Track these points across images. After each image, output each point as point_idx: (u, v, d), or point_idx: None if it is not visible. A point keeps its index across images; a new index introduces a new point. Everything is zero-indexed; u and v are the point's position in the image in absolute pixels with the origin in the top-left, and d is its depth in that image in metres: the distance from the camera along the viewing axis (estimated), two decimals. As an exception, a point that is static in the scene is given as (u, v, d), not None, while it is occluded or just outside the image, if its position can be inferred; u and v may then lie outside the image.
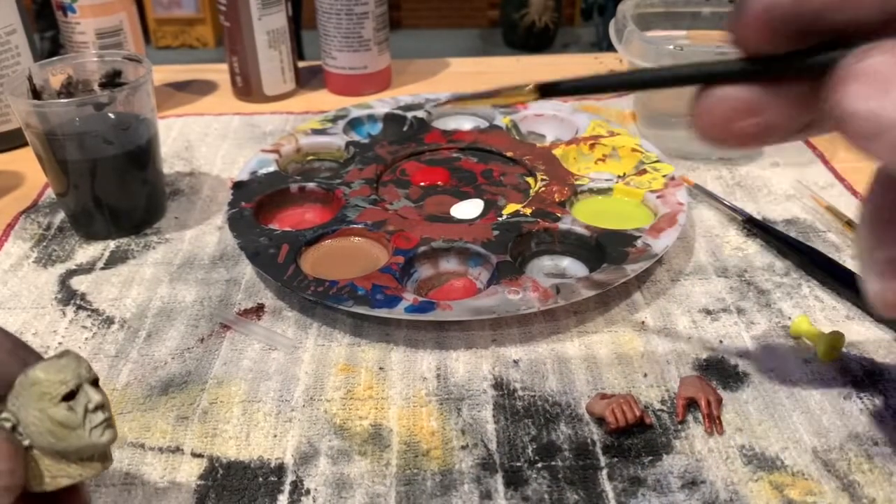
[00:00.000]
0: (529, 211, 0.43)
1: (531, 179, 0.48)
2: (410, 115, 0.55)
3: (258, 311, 0.39)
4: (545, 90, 0.26)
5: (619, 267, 0.39)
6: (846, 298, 0.39)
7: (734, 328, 0.37)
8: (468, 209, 0.45)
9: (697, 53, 0.48)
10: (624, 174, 0.47)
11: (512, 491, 0.29)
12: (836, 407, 0.33)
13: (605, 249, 0.40)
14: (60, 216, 0.48)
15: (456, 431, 0.32)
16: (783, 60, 0.21)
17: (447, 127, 0.55)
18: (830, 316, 0.38)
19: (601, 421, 0.32)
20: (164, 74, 0.68)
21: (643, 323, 0.38)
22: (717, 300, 0.39)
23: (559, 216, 0.43)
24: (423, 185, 0.48)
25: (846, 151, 0.52)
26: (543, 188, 0.46)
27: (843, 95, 0.19)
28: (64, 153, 0.42)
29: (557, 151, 0.50)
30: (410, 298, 0.37)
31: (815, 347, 0.35)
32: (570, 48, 2.81)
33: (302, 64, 0.69)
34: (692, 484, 0.29)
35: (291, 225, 0.44)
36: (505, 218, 0.43)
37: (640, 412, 0.32)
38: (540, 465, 0.30)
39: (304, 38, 1.93)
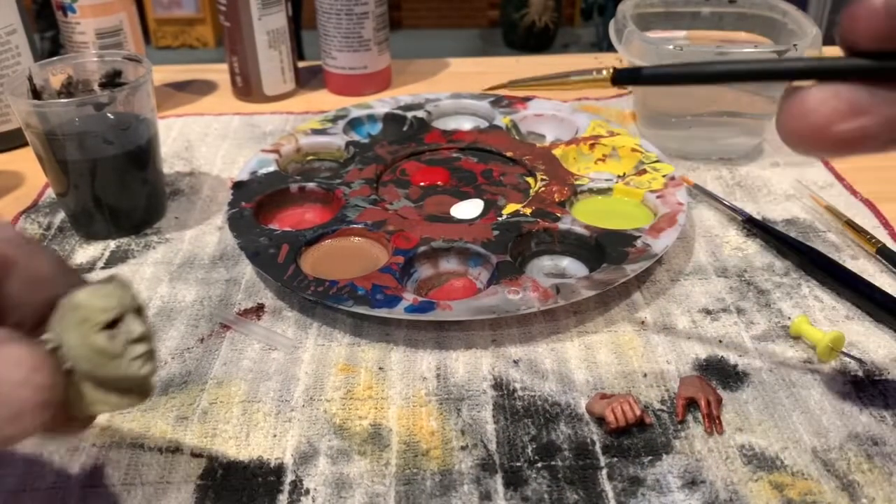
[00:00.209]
0: (529, 211, 0.43)
1: (531, 179, 0.48)
2: (410, 115, 0.55)
3: (258, 310, 0.39)
4: (621, 77, 0.24)
5: (618, 267, 0.39)
6: (846, 298, 0.39)
7: (734, 328, 0.37)
8: (468, 209, 0.45)
9: (697, 53, 0.48)
10: (624, 174, 0.48)
11: (511, 491, 0.29)
12: (835, 407, 0.33)
13: (604, 249, 0.40)
14: (60, 216, 0.48)
15: (456, 431, 0.32)
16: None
17: (447, 127, 0.55)
18: (830, 316, 0.38)
19: (601, 421, 0.32)
20: (164, 74, 0.68)
21: (643, 323, 0.38)
22: (716, 300, 0.39)
23: (559, 216, 0.43)
24: (422, 185, 0.48)
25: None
26: (543, 188, 0.46)
27: None
28: (64, 153, 0.42)
29: (557, 151, 0.50)
30: (410, 298, 0.37)
31: (814, 347, 0.35)
32: (570, 48, 2.81)
33: (302, 64, 0.69)
34: (692, 484, 0.29)
35: (291, 225, 0.44)
36: (505, 218, 0.43)
37: (640, 412, 0.32)
38: (540, 465, 0.30)
39: (304, 38, 1.93)
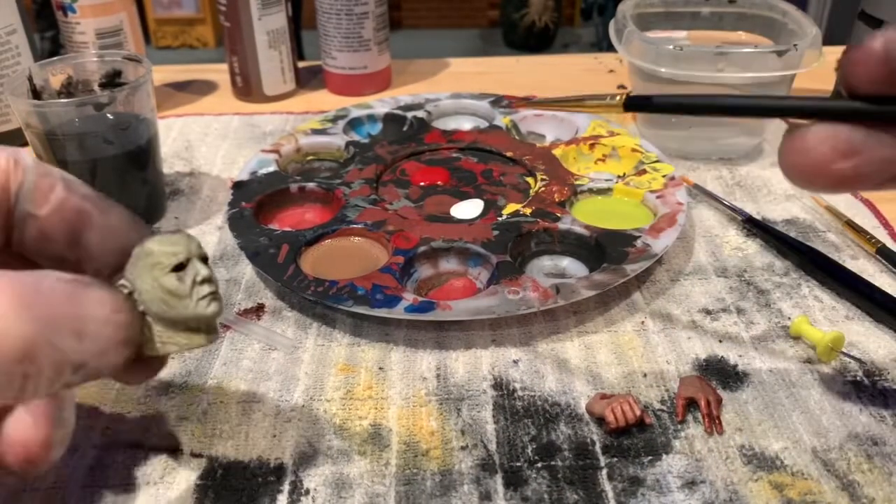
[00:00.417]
0: (529, 211, 0.43)
1: (531, 179, 0.48)
2: (410, 115, 0.55)
3: (258, 310, 0.39)
4: (632, 104, 0.26)
5: (618, 267, 0.39)
6: (846, 298, 0.39)
7: (734, 328, 0.37)
8: (468, 209, 0.45)
9: (698, 54, 0.48)
10: (624, 174, 0.47)
11: (511, 491, 0.29)
12: (835, 407, 0.33)
13: (604, 249, 0.40)
14: (60, 216, 0.48)
15: (455, 431, 0.32)
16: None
17: (447, 127, 0.55)
18: (830, 316, 0.38)
19: (601, 421, 0.32)
20: (164, 74, 0.68)
21: (643, 323, 0.38)
22: (716, 300, 0.39)
23: (559, 216, 0.43)
24: (422, 185, 0.48)
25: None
26: (543, 188, 0.46)
27: None
28: (64, 153, 0.42)
29: (557, 151, 0.50)
30: (410, 298, 0.37)
31: (814, 347, 0.35)
32: (570, 48, 2.81)
33: (302, 64, 0.69)
34: (692, 484, 0.29)
35: (291, 225, 0.44)
36: (505, 218, 0.43)
37: (640, 412, 0.32)
38: (539, 465, 0.30)
39: (304, 38, 1.94)
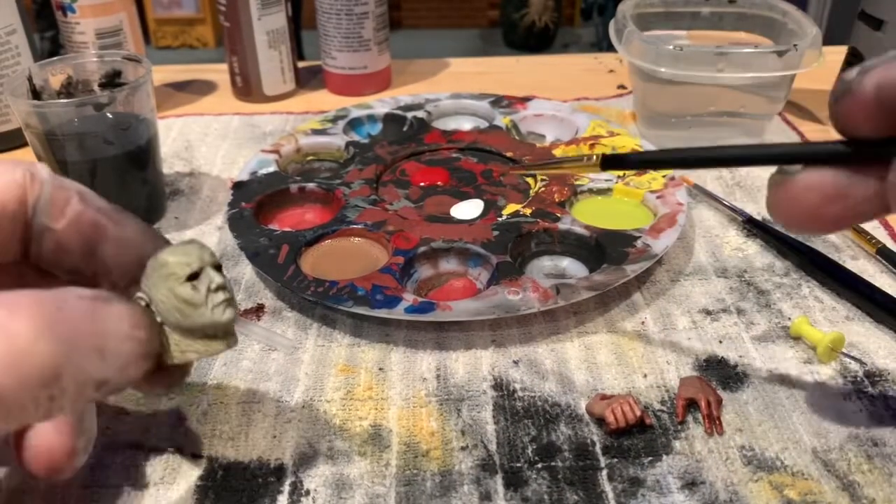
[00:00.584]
0: (529, 211, 0.43)
1: (531, 180, 0.48)
2: (410, 115, 0.55)
3: (258, 311, 0.39)
4: (608, 162, 0.26)
5: (618, 267, 0.39)
6: (846, 299, 0.39)
7: (734, 328, 0.37)
8: (468, 209, 0.45)
9: (698, 54, 0.48)
10: (624, 174, 0.47)
11: (512, 492, 0.29)
12: (835, 407, 0.33)
13: (604, 250, 0.40)
14: (60, 216, 0.48)
15: (456, 432, 0.32)
16: (882, 145, 0.21)
17: (447, 127, 0.55)
18: (830, 316, 0.38)
19: (601, 421, 0.32)
20: (163, 74, 0.68)
21: (643, 323, 0.38)
22: (716, 300, 0.39)
23: (559, 216, 0.43)
24: (422, 185, 0.48)
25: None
26: (543, 188, 0.46)
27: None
28: (64, 153, 0.42)
29: (557, 152, 0.50)
30: (410, 299, 0.37)
31: (814, 348, 0.35)
32: (570, 48, 2.81)
33: (302, 64, 0.69)
34: (692, 484, 0.29)
35: (291, 225, 0.44)
36: (505, 218, 0.43)
37: (640, 413, 0.31)
38: (540, 465, 0.30)
39: (304, 38, 1.94)
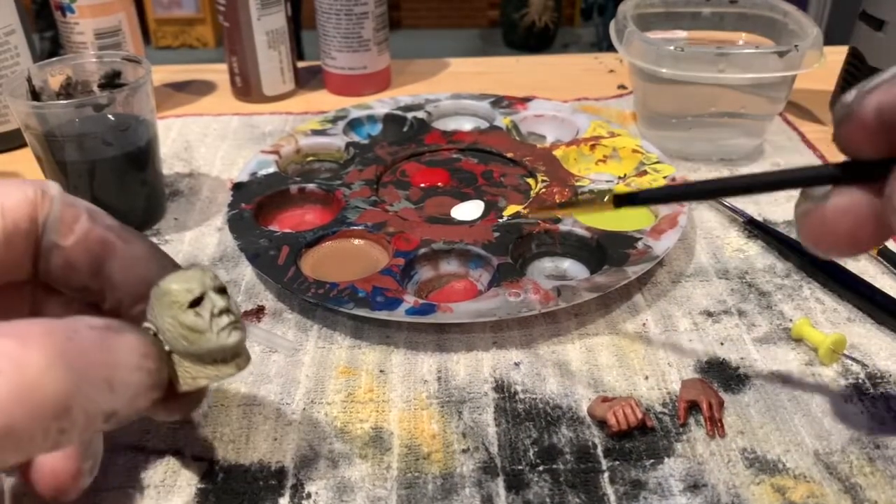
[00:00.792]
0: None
1: (532, 180, 0.48)
2: (410, 115, 0.55)
3: (258, 313, 0.39)
4: (620, 200, 0.27)
5: (619, 269, 0.38)
6: (848, 301, 0.39)
7: (735, 330, 0.37)
8: (468, 210, 0.45)
9: (698, 54, 0.48)
10: (624, 175, 0.47)
11: (513, 494, 0.29)
12: (837, 409, 0.33)
13: (605, 251, 0.40)
14: (60, 217, 0.47)
15: (457, 434, 0.32)
16: (882, 164, 0.21)
17: (447, 128, 0.55)
18: (832, 318, 0.38)
19: (602, 424, 0.32)
20: (163, 75, 0.68)
21: (644, 325, 0.38)
22: (718, 302, 0.39)
23: (560, 217, 0.43)
24: (423, 186, 0.48)
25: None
26: (544, 189, 0.46)
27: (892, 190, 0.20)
28: (63, 154, 0.42)
29: (558, 152, 0.50)
30: (411, 301, 0.36)
31: (816, 350, 0.35)
32: (570, 48, 2.81)
33: (301, 64, 0.69)
34: (694, 487, 0.29)
35: (291, 226, 0.44)
36: (505, 219, 0.43)
37: (641, 415, 0.31)
38: (541, 468, 0.30)
39: (303, 38, 1.93)
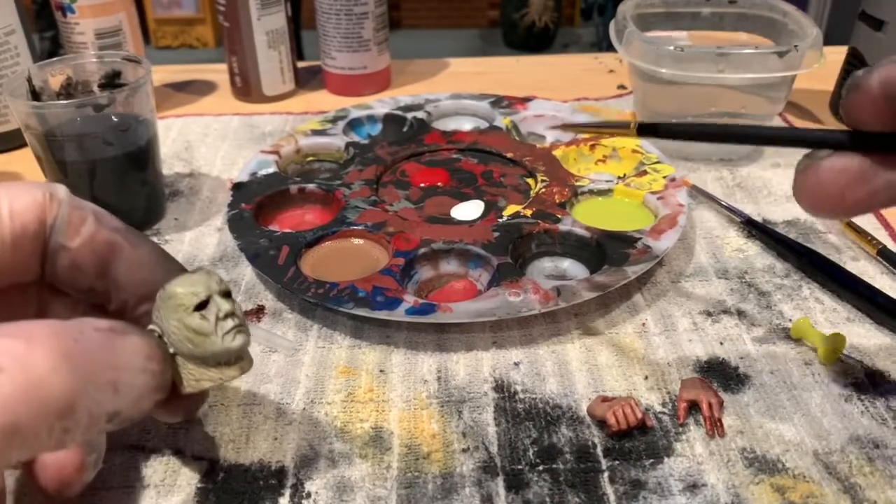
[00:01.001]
0: (530, 212, 0.43)
1: (531, 180, 0.48)
2: (410, 115, 0.55)
3: (258, 312, 0.39)
4: (643, 129, 0.28)
5: (619, 269, 0.38)
6: (847, 301, 0.39)
7: (735, 330, 0.37)
8: (468, 210, 0.45)
9: (698, 54, 0.48)
10: (624, 175, 0.47)
11: (513, 494, 0.29)
12: (837, 409, 0.33)
13: (605, 251, 0.40)
14: (60, 217, 0.47)
15: (457, 434, 0.32)
16: (889, 137, 0.23)
17: (447, 128, 0.55)
18: (831, 318, 0.38)
19: (602, 423, 0.32)
20: (163, 75, 0.68)
21: (644, 325, 0.38)
22: (717, 302, 0.39)
23: (559, 217, 0.43)
24: (423, 186, 0.48)
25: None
26: (544, 189, 0.46)
27: None
28: (63, 154, 0.42)
29: (558, 152, 0.50)
30: (411, 300, 0.36)
31: (815, 349, 0.35)
32: (570, 48, 2.81)
33: (301, 64, 0.69)
34: (693, 487, 0.29)
35: (291, 226, 0.44)
36: (505, 219, 0.43)
37: (641, 415, 0.31)
38: (541, 467, 0.30)
39: (303, 38, 1.93)
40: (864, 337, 0.37)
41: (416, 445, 0.31)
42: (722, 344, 0.36)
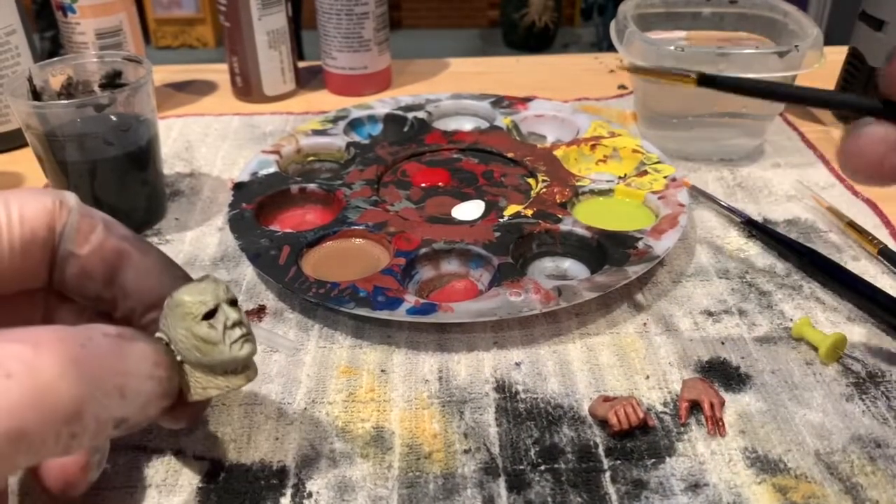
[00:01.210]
0: (531, 212, 0.43)
1: (532, 180, 0.48)
2: (411, 115, 0.55)
3: (259, 312, 0.39)
4: (703, 80, 0.31)
5: (620, 268, 0.38)
6: (848, 300, 0.39)
7: (736, 330, 0.37)
8: (469, 210, 0.45)
9: (699, 54, 0.48)
10: (625, 175, 0.47)
11: (515, 494, 0.29)
12: (838, 409, 0.33)
13: (606, 251, 0.40)
14: (60, 217, 0.47)
15: (458, 434, 0.32)
16: None
17: (448, 128, 0.55)
18: (832, 317, 0.38)
19: (604, 423, 0.32)
20: (164, 75, 0.68)
21: (645, 325, 0.38)
22: (718, 302, 0.39)
23: (560, 217, 0.43)
24: (423, 186, 0.48)
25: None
26: (544, 189, 0.46)
27: None
28: (64, 154, 0.42)
29: (558, 152, 0.50)
30: (412, 300, 0.36)
31: (817, 349, 0.35)
32: (570, 48, 2.81)
33: (302, 64, 0.69)
34: (695, 486, 0.29)
35: (292, 226, 0.44)
36: (506, 219, 0.43)
37: (642, 414, 0.31)
38: (543, 468, 0.30)
39: (304, 38, 1.93)
40: (864, 336, 0.37)
41: (417, 445, 0.31)
42: (723, 344, 0.36)
